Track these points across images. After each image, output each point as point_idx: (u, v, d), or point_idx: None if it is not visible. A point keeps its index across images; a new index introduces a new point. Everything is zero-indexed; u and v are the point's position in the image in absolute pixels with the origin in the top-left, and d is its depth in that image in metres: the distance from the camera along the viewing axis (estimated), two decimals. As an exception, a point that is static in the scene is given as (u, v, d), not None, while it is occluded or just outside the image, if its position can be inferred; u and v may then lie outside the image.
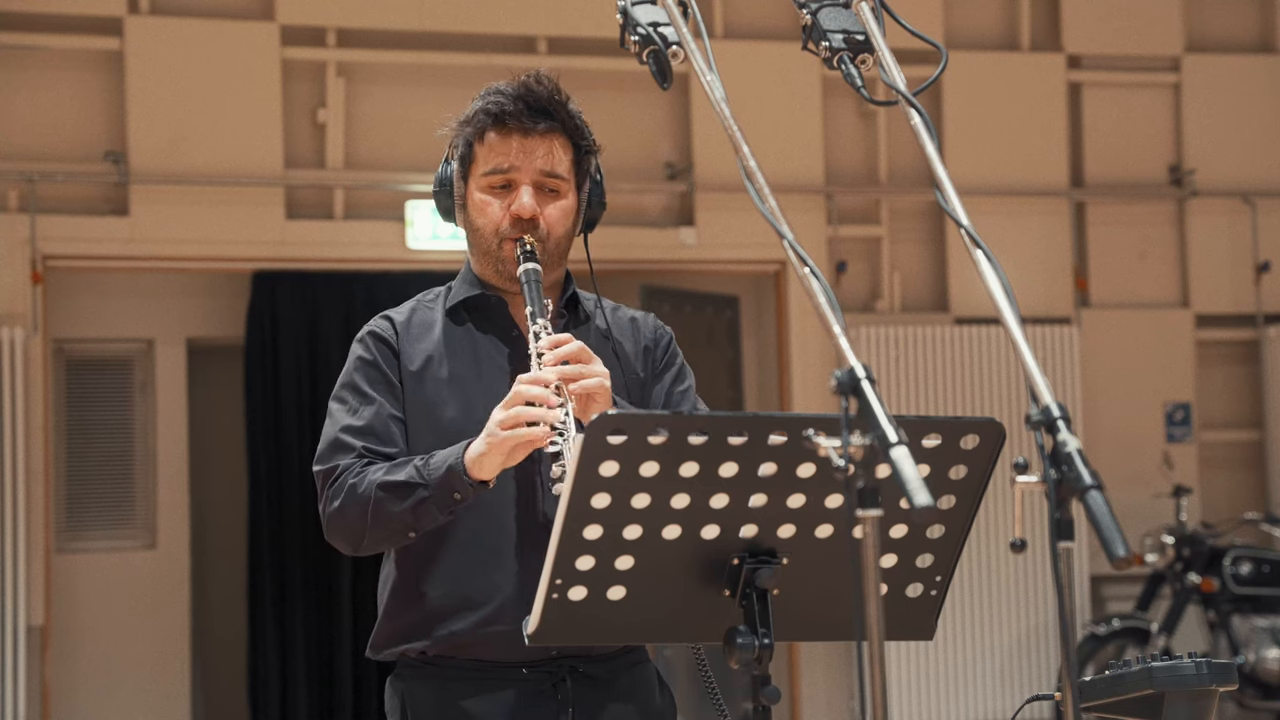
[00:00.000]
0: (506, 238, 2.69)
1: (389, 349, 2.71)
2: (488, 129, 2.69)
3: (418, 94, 7.91)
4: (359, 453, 2.62)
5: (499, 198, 2.70)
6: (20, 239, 7.36)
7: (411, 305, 2.80)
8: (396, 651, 2.67)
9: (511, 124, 2.68)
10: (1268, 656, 7.88)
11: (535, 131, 2.69)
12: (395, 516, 2.55)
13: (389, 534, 2.59)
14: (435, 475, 2.53)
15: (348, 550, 2.66)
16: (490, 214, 2.70)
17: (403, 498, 2.54)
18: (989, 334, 8.21)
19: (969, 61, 8.43)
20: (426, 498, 2.53)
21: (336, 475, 2.62)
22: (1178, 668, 2.54)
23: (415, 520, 2.56)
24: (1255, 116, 8.89)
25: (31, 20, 7.52)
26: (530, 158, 2.69)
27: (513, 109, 2.68)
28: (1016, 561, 8.02)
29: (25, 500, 7.20)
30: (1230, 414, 8.92)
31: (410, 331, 2.73)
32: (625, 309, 2.85)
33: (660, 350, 2.82)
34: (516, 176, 2.69)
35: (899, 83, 2.15)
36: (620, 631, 2.17)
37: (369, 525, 2.57)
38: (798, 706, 8.10)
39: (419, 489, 2.53)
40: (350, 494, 2.58)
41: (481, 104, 2.71)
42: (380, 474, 2.57)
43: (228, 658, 8.44)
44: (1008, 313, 1.93)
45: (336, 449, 2.64)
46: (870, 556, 1.81)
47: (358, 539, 2.61)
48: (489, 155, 2.70)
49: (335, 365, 9.08)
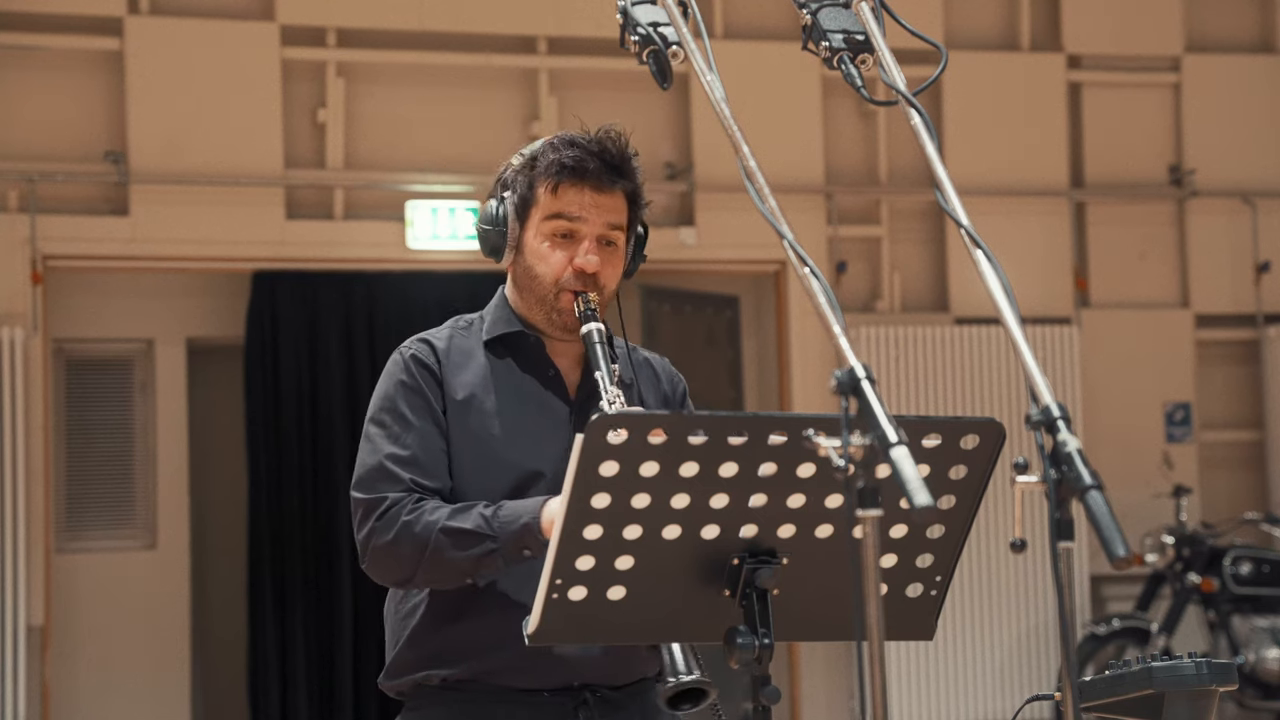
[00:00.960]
0: (566, 289, 2.66)
1: (432, 376, 2.66)
2: (562, 181, 2.67)
3: (418, 94, 7.91)
4: (407, 486, 2.57)
5: (561, 247, 2.67)
6: (20, 239, 7.36)
7: (449, 332, 2.75)
8: (414, 680, 2.63)
9: (590, 180, 2.67)
10: (1268, 656, 7.88)
11: (606, 189, 2.69)
12: (456, 563, 2.51)
13: (443, 578, 2.55)
14: (508, 530, 2.48)
15: (387, 583, 2.63)
16: (552, 263, 2.67)
17: (467, 547, 2.49)
18: (989, 334, 8.21)
19: (969, 61, 8.43)
20: (494, 550, 2.48)
21: (386, 508, 2.55)
22: (1178, 668, 2.54)
23: (476, 569, 2.52)
24: (1255, 116, 8.89)
25: (31, 20, 7.52)
26: (601, 213, 2.68)
27: (593, 167, 2.67)
28: (1016, 561, 8.02)
29: (25, 500, 7.20)
30: (1230, 414, 8.92)
31: (451, 359, 2.69)
32: (639, 350, 2.84)
33: (677, 402, 2.82)
34: (583, 228, 2.67)
35: (899, 83, 2.15)
36: (620, 631, 2.17)
37: (423, 567, 2.53)
38: (798, 706, 8.10)
39: (487, 540, 2.48)
40: (404, 531, 2.53)
41: (557, 155, 2.68)
42: (443, 517, 2.52)
43: (228, 658, 8.43)
44: (1008, 313, 1.93)
45: (381, 477, 2.58)
46: (870, 556, 1.81)
47: (406, 576, 2.57)
48: (557, 203, 2.67)
49: (335, 365, 9.05)
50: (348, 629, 7.77)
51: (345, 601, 7.79)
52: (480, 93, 7.95)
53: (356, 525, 2.60)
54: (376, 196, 7.87)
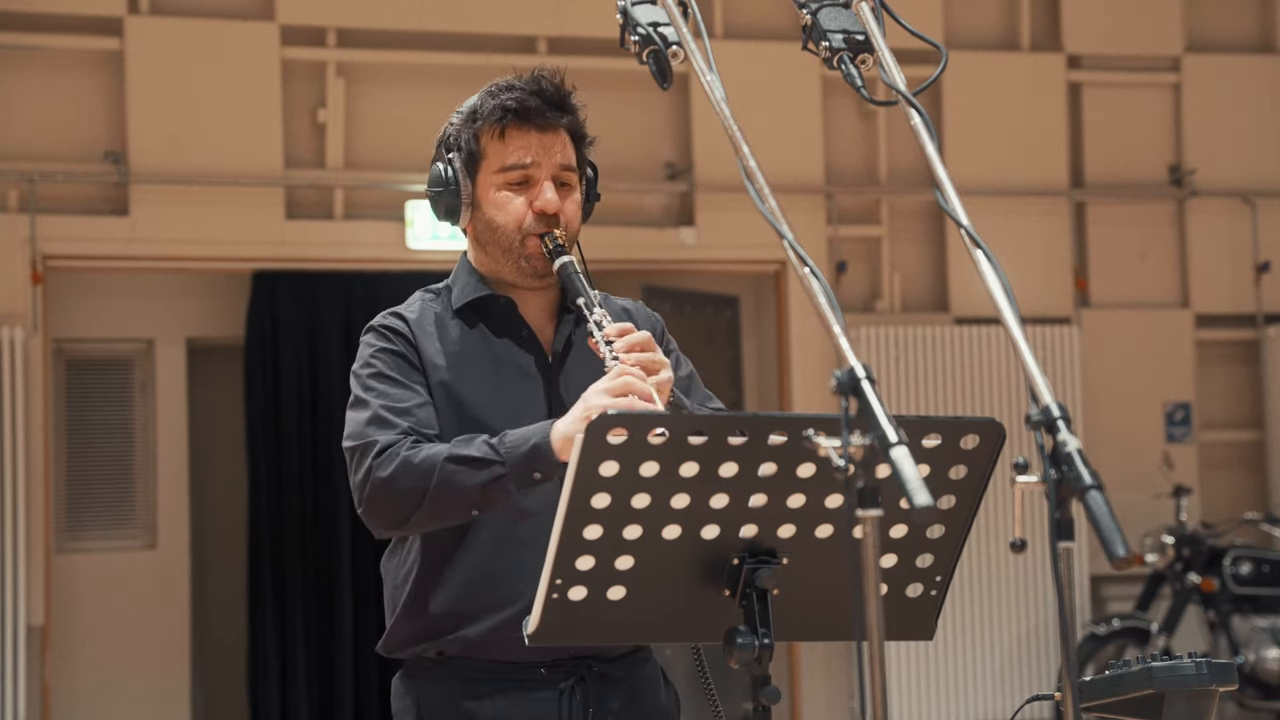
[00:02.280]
0: (530, 233, 2.65)
1: (408, 343, 2.65)
2: (508, 125, 2.66)
3: (418, 94, 7.90)
4: (404, 430, 2.54)
5: (518, 194, 2.66)
6: (20, 239, 7.36)
7: (418, 304, 2.72)
8: (413, 651, 2.63)
9: (534, 119, 2.66)
10: (1268, 656, 7.88)
11: (552, 126, 2.68)
12: (463, 491, 2.46)
13: (448, 510, 2.49)
14: (516, 452, 2.44)
15: (385, 526, 2.56)
16: (512, 210, 2.66)
17: (473, 474, 2.45)
18: (989, 334, 8.21)
19: (969, 61, 8.43)
20: (503, 475, 2.44)
21: (384, 446, 2.51)
22: (1178, 668, 2.54)
23: (484, 498, 2.47)
24: (1255, 116, 8.89)
25: (31, 20, 7.52)
26: (550, 153, 2.67)
27: (534, 105, 2.66)
28: (1016, 561, 8.02)
29: (25, 500, 7.20)
30: (1230, 414, 8.92)
31: (424, 329, 2.67)
32: (614, 299, 2.81)
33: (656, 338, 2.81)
34: (537, 172, 2.66)
35: (899, 83, 2.15)
36: (620, 631, 2.17)
37: (428, 498, 2.47)
38: (798, 706, 8.10)
39: (495, 465, 2.45)
40: (405, 464, 2.48)
41: (495, 100, 2.67)
42: (446, 449, 2.48)
43: (228, 658, 8.43)
44: (1008, 313, 1.93)
45: (375, 424, 2.54)
46: (870, 556, 1.81)
47: (407, 512, 2.50)
48: (506, 151, 2.66)
49: (335, 365, 9.05)
50: (348, 629, 7.77)
51: (345, 601, 7.78)
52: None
53: (352, 470, 2.55)
54: (376, 196, 7.87)
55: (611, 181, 7.86)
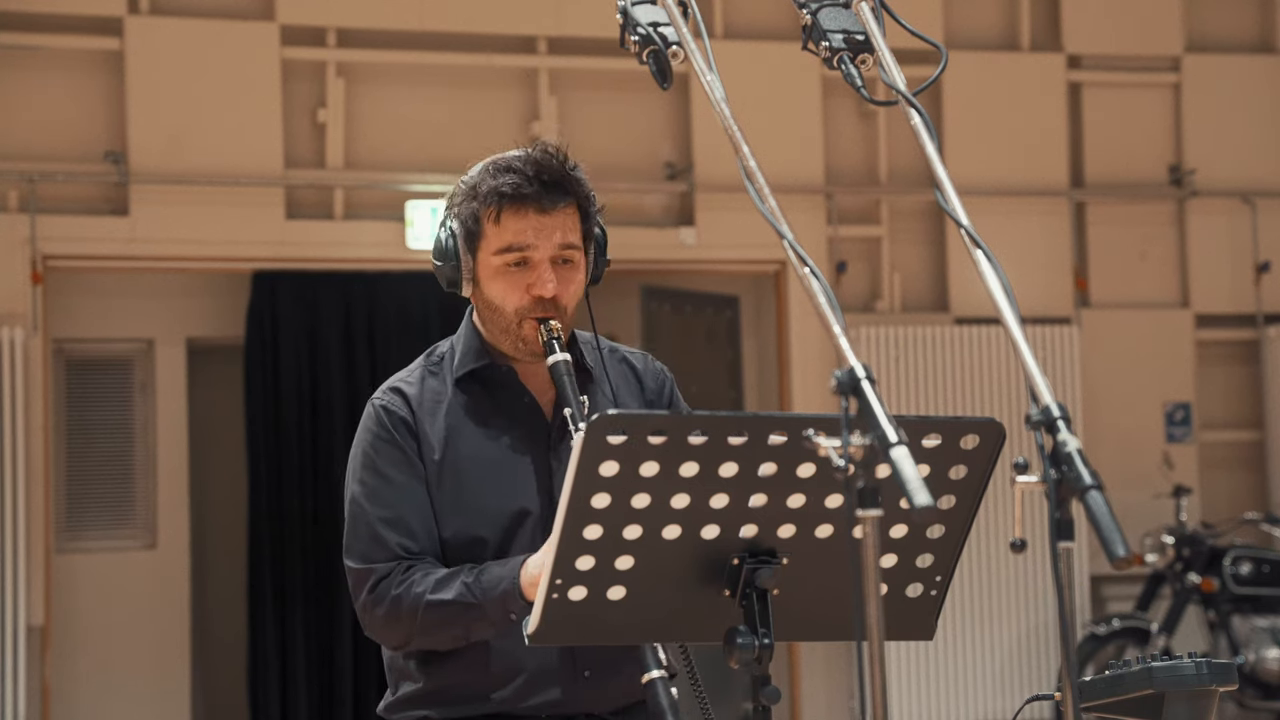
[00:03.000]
0: (527, 317, 2.63)
1: (407, 428, 2.65)
2: (504, 209, 2.62)
3: (418, 94, 7.91)
4: (394, 554, 2.58)
5: (515, 275, 2.63)
6: (20, 239, 7.36)
7: (419, 374, 2.72)
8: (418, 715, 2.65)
9: (532, 203, 2.62)
10: (1268, 656, 7.88)
11: (551, 210, 2.63)
12: (445, 633, 2.55)
13: (439, 642, 2.59)
14: (490, 597, 2.49)
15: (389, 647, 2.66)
16: (509, 294, 2.63)
17: (453, 618, 2.52)
18: (989, 334, 8.21)
19: (969, 61, 8.43)
20: (481, 617, 2.51)
21: (375, 581, 2.57)
22: (1178, 668, 2.54)
23: (467, 634, 2.55)
24: (1255, 116, 8.89)
25: (31, 20, 7.52)
26: (548, 235, 2.62)
27: (531, 191, 2.61)
28: (1016, 561, 8.02)
29: (25, 500, 7.20)
30: (1230, 414, 8.92)
31: (424, 405, 2.67)
32: (620, 349, 2.82)
33: (665, 400, 2.80)
34: (535, 254, 2.63)
35: (899, 83, 2.15)
36: (620, 631, 2.17)
37: (417, 635, 2.56)
38: (798, 706, 8.10)
39: (472, 610, 2.51)
40: (394, 606, 2.55)
41: (495, 182, 2.62)
42: (427, 591, 2.53)
43: (228, 658, 8.43)
44: (1008, 313, 1.93)
45: (369, 543, 2.60)
46: (870, 556, 1.81)
47: (404, 643, 2.61)
48: (503, 234, 2.63)
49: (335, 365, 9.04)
50: (348, 629, 7.77)
51: (345, 601, 7.75)
52: (480, 93, 7.95)
53: (352, 594, 2.63)
54: (376, 196, 7.87)
55: (611, 181, 7.91)
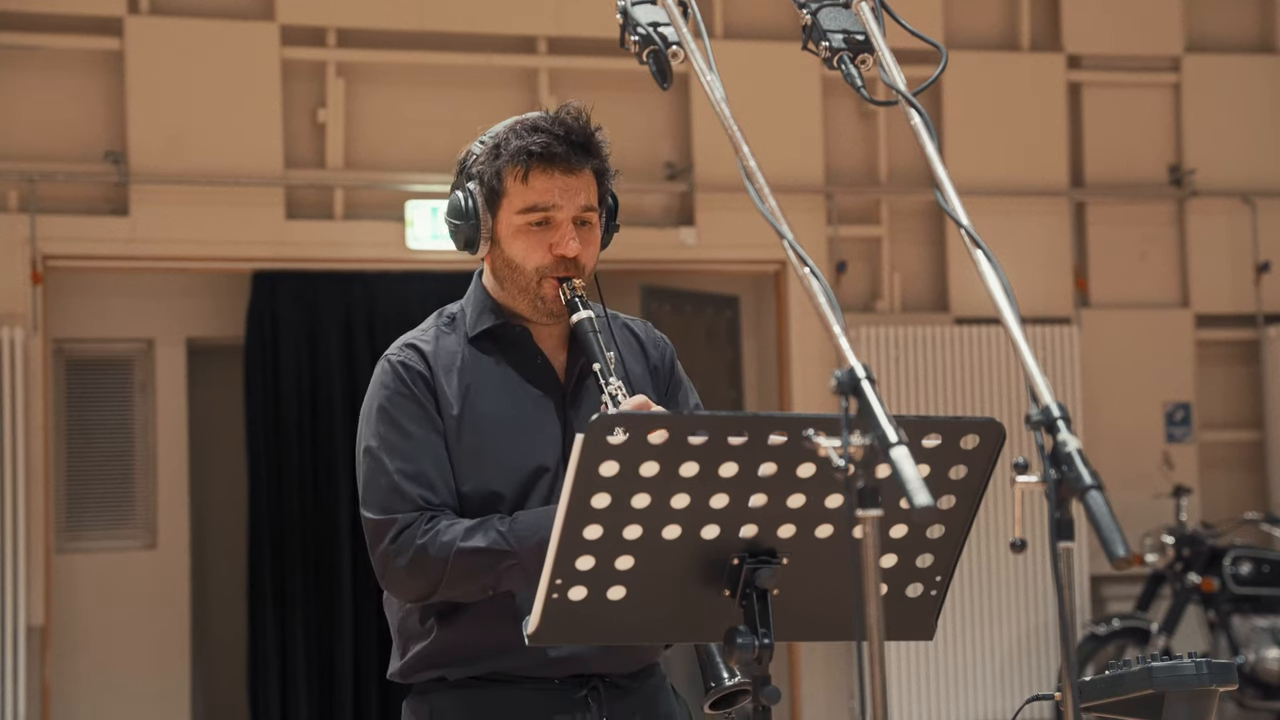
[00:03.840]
0: (548, 276, 2.65)
1: (425, 383, 2.65)
2: (532, 168, 2.63)
3: (418, 94, 7.91)
4: (416, 505, 2.56)
5: (538, 234, 2.64)
6: (20, 239, 7.36)
7: (433, 332, 2.73)
8: (430, 677, 2.64)
9: (559, 164, 2.63)
10: (1268, 656, 7.88)
11: (576, 170, 2.65)
12: (478, 580, 2.52)
13: (465, 593, 2.55)
14: (527, 544, 2.48)
15: (407, 601, 2.62)
16: (531, 252, 2.65)
17: (487, 566, 2.50)
18: (989, 334, 8.21)
19: (969, 61, 8.43)
20: (515, 565, 2.49)
21: (398, 531, 2.54)
22: (1178, 668, 2.54)
23: (498, 583, 2.53)
24: (1255, 116, 8.89)
25: (31, 20, 7.52)
26: (573, 195, 2.64)
27: (560, 151, 2.62)
28: (1016, 561, 8.02)
29: (25, 500, 7.20)
30: (1230, 414, 8.92)
31: (440, 363, 2.67)
32: (622, 317, 2.83)
33: (666, 370, 2.81)
34: (558, 214, 2.64)
35: (899, 83, 2.15)
36: (620, 631, 2.17)
37: (443, 585, 2.53)
38: (798, 706, 8.10)
39: (507, 557, 2.49)
40: (420, 554, 2.52)
41: (521, 142, 2.64)
42: (458, 537, 2.52)
43: (228, 658, 8.43)
44: (1008, 313, 1.93)
45: (390, 495, 2.57)
46: (870, 556, 1.81)
47: (427, 594, 2.57)
48: (529, 193, 2.64)
49: (335, 365, 9.03)
50: (348, 629, 7.77)
51: (345, 601, 7.78)
52: (480, 93, 7.95)
53: (370, 545, 2.59)
54: (376, 196, 7.87)
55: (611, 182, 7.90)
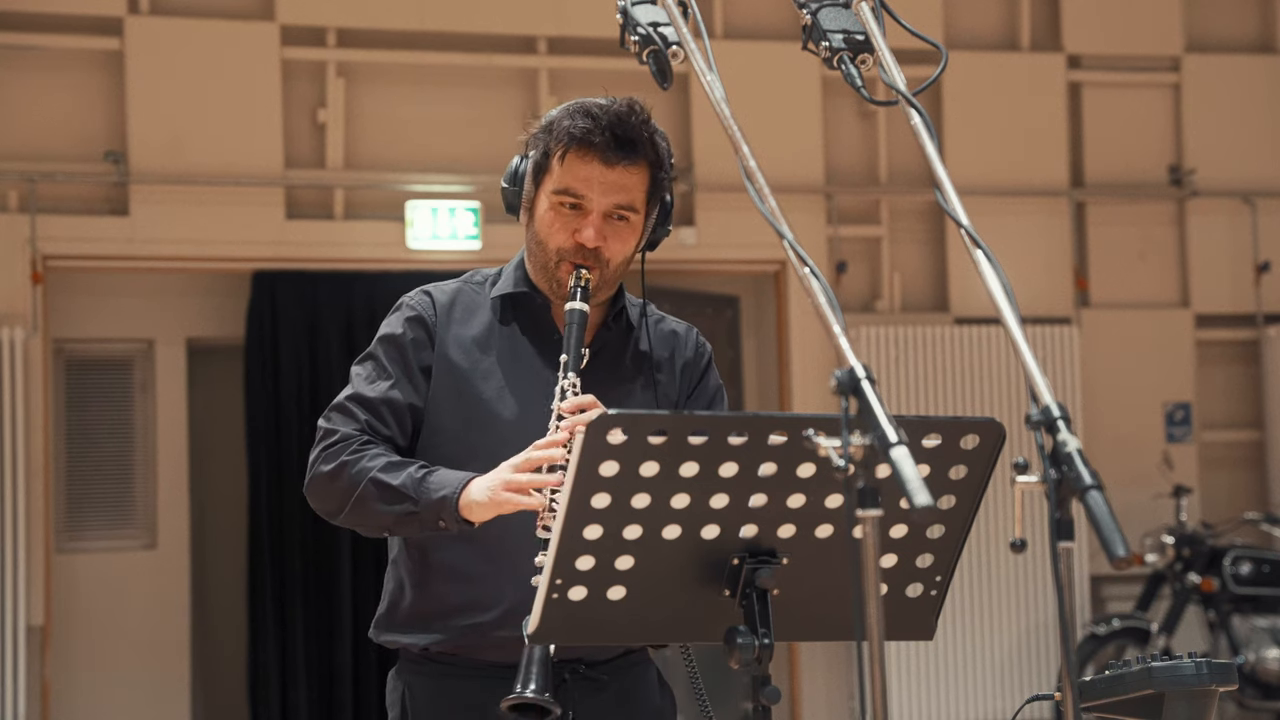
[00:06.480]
0: (566, 260, 2.66)
1: (424, 330, 2.72)
2: (570, 150, 2.65)
3: (418, 94, 7.91)
4: (361, 426, 2.65)
5: (566, 217, 2.66)
6: (20, 239, 7.36)
7: (457, 285, 2.79)
8: (397, 642, 2.70)
9: (595, 153, 2.64)
10: (1268, 656, 7.88)
11: (617, 165, 2.65)
12: (376, 515, 2.59)
13: (364, 525, 2.65)
14: (428, 498, 2.53)
15: (319, 511, 2.71)
16: (555, 232, 2.67)
17: (389, 503, 2.56)
18: (989, 334, 8.21)
19: (969, 61, 8.43)
20: (414, 512, 2.55)
21: (335, 440, 2.65)
22: (1178, 668, 2.54)
23: (394, 526, 2.60)
24: (1255, 116, 8.89)
25: (31, 20, 7.52)
26: (606, 191, 2.65)
27: (599, 140, 2.63)
28: (1016, 561, 8.02)
29: (25, 500, 7.20)
30: (1230, 414, 8.92)
31: (452, 313, 2.74)
32: (670, 320, 2.86)
33: (696, 371, 2.83)
34: (589, 204, 2.65)
35: (899, 83, 2.15)
36: (620, 631, 2.17)
37: (348, 508, 2.61)
38: (798, 706, 8.10)
39: (408, 501, 2.55)
40: (341, 469, 2.61)
41: (569, 122, 2.65)
42: (378, 468, 2.58)
43: (228, 658, 8.43)
44: (1008, 313, 1.93)
45: (343, 411, 2.68)
46: (870, 556, 1.81)
47: (332, 511, 2.66)
48: (564, 175, 2.65)
49: (335, 365, 9.04)
50: (348, 629, 7.77)
51: (345, 601, 7.79)
52: (480, 93, 7.95)
53: (312, 447, 2.69)
54: (376, 196, 7.87)
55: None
